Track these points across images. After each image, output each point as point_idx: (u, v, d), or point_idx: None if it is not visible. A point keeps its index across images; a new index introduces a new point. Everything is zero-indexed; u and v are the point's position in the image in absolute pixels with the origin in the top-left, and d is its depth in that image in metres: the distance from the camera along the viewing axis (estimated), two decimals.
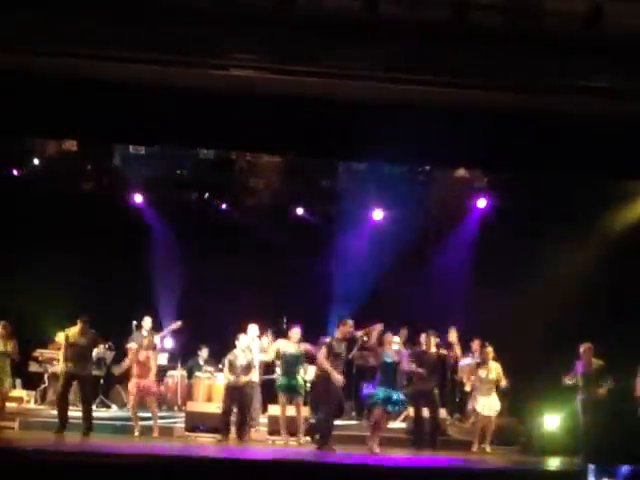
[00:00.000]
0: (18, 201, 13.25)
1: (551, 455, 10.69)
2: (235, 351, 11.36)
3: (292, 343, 11.34)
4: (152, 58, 8.31)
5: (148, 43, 8.10)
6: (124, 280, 13.93)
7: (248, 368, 11.27)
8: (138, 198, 14.54)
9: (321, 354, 10.45)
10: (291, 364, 11.24)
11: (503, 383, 11.43)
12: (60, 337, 11.38)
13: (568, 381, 11.12)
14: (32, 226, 13.39)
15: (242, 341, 11.40)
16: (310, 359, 11.55)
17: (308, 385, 12.41)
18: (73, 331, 10.96)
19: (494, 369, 11.42)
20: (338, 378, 10.32)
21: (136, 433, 11.06)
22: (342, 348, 10.55)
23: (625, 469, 7.17)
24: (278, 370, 11.54)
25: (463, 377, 12.30)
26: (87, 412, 10.89)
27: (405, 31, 8.04)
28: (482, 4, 7.77)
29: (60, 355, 11.08)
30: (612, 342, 11.20)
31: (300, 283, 14.24)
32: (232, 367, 11.28)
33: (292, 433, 11.25)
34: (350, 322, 10.68)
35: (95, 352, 12.35)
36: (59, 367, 11.10)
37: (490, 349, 11.60)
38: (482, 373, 11.40)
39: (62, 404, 10.87)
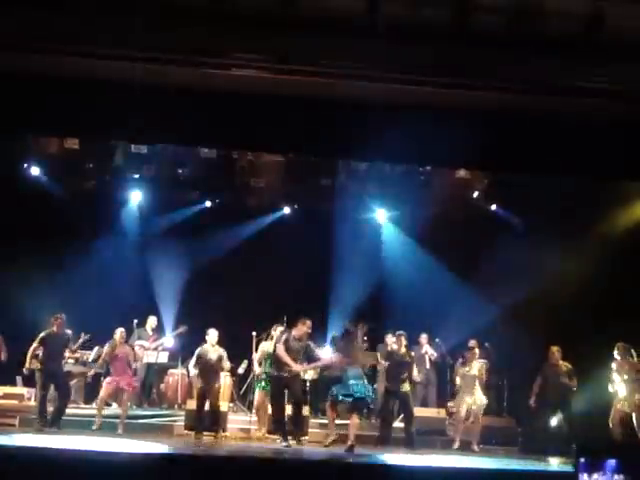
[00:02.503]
0: (19, 199, 13.26)
1: (549, 455, 10.69)
2: (205, 346, 11.37)
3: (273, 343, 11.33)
4: (154, 57, 8.35)
5: (150, 42, 8.14)
6: (124, 278, 13.95)
7: (218, 363, 11.31)
8: (139, 197, 14.58)
9: (280, 349, 10.40)
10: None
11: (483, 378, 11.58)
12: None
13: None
14: (32, 224, 13.40)
15: (211, 335, 11.39)
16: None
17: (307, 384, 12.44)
18: (51, 332, 10.98)
19: (475, 367, 11.50)
20: (297, 368, 10.36)
21: (94, 427, 10.96)
22: (299, 346, 10.53)
23: (612, 462, 7.37)
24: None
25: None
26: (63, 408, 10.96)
27: (406, 32, 8.08)
28: (483, 5, 7.80)
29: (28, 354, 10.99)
30: (610, 343, 11.25)
31: (300, 283, 14.26)
32: (200, 362, 11.31)
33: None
34: (309, 322, 10.67)
35: (96, 349, 12.38)
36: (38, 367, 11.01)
37: (476, 350, 11.69)
38: (464, 370, 11.51)
39: (43, 405, 10.90)
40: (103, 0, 7.98)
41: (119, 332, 11.46)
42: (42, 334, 10.98)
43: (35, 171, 13.67)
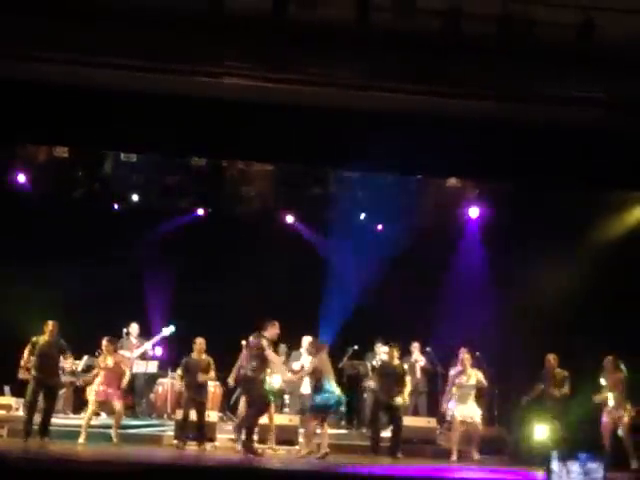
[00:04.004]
0: (9, 208, 13.19)
1: (538, 464, 10.69)
2: (192, 355, 11.30)
3: None
4: (146, 66, 8.35)
5: (141, 51, 8.13)
6: (114, 287, 13.89)
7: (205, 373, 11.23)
8: (129, 206, 14.51)
9: (270, 352, 10.39)
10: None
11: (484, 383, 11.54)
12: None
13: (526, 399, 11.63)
14: (22, 233, 13.34)
15: (199, 344, 11.32)
16: None
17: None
18: (42, 339, 10.81)
19: (473, 375, 11.46)
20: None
21: (81, 440, 10.77)
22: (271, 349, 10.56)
23: (584, 455, 7.62)
24: None
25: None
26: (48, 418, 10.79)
27: (398, 41, 8.10)
28: (474, 14, 7.82)
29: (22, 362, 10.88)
30: (598, 354, 11.27)
31: (291, 291, 14.25)
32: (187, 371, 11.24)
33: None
34: (277, 323, 10.63)
35: (85, 359, 12.30)
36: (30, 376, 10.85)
37: (468, 356, 11.63)
38: (462, 380, 11.44)
39: (31, 413, 10.74)
40: (93, 8, 7.96)
41: (104, 342, 11.31)
42: (33, 340, 10.80)
43: (23, 179, 13.59)
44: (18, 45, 8.05)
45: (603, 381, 11.09)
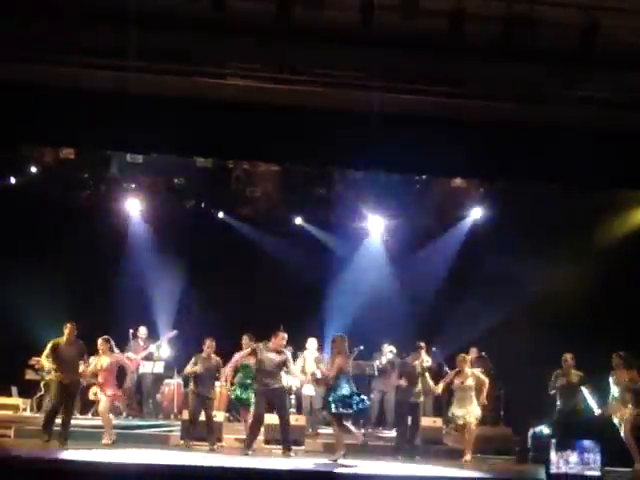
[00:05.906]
0: (15, 209, 13.22)
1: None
2: (202, 354, 11.33)
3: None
4: (151, 67, 8.37)
5: (146, 53, 8.16)
6: (121, 289, 13.93)
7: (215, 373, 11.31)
8: (135, 206, 14.54)
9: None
10: (248, 376, 11.24)
11: (484, 395, 11.40)
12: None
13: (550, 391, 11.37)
14: (29, 234, 13.38)
15: (209, 345, 11.35)
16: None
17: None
18: (62, 340, 10.81)
19: (471, 376, 11.39)
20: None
21: (109, 441, 10.69)
22: (274, 359, 10.54)
23: (582, 442, 7.64)
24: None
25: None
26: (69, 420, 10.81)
27: (403, 42, 8.11)
28: (478, 15, 7.82)
29: (45, 363, 10.94)
30: (601, 355, 11.24)
31: (297, 292, 14.26)
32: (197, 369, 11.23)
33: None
34: (283, 335, 10.64)
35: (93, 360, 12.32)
36: (52, 377, 10.91)
37: (466, 357, 11.58)
38: (457, 380, 11.34)
39: (53, 415, 10.75)
40: (98, 10, 7.99)
41: (100, 341, 11.16)
42: (52, 342, 10.79)
43: (30, 181, 13.60)
44: (20, 47, 8.09)
45: (612, 380, 11.00)
